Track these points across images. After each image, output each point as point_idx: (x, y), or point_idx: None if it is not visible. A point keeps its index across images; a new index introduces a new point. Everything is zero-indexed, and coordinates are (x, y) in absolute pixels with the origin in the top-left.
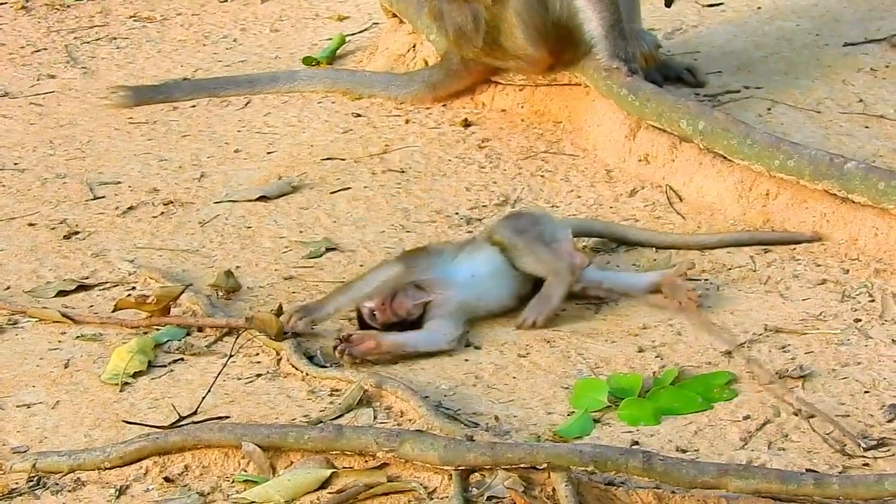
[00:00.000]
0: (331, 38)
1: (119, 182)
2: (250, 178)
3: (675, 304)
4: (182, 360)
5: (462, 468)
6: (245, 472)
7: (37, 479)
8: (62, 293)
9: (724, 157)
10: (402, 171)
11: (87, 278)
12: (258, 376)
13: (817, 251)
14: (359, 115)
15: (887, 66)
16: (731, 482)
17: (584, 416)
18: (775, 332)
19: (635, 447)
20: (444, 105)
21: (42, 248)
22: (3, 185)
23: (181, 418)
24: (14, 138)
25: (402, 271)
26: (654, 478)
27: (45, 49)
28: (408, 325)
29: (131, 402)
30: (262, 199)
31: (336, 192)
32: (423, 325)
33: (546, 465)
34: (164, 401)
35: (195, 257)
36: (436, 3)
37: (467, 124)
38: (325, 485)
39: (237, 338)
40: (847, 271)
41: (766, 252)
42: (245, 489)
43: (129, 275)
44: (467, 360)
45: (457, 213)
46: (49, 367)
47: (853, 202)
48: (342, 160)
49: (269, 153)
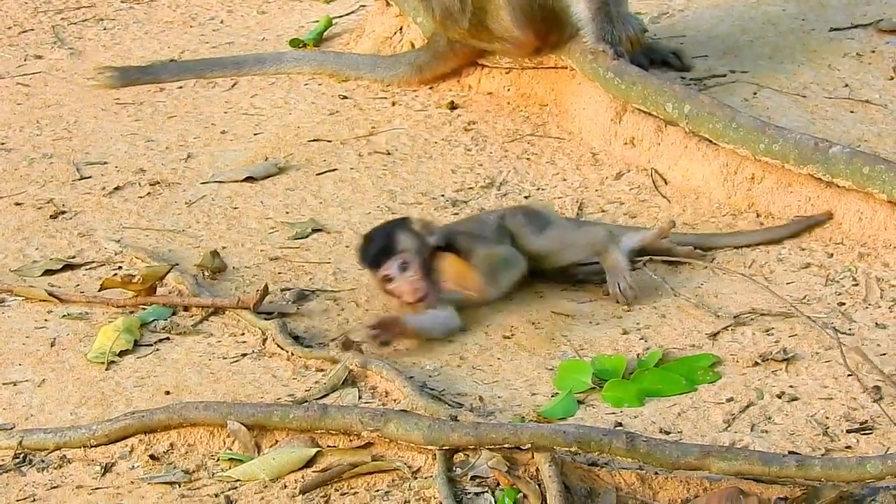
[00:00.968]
0: (318, 21)
1: (106, 162)
2: (237, 159)
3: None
4: (168, 339)
5: (446, 448)
6: (230, 450)
7: (23, 456)
8: (49, 272)
9: (710, 141)
10: (389, 153)
11: (73, 258)
12: (244, 356)
13: (802, 235)
14: (345, 98)
15: (873, 52)
16: (714, 463)
17: (569, 398)
18: (760, 316)
19: (619, 428)
20: (431, 87)
21: (29, 227)
22: None
23: None
24: (1, 118)
25: None
26: (638, 458)
27: (32, 30)
28: None
29: (117, 380)
30: (249, 179)
31: (322, 173)
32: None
33: (530, 445)
34: (149, 380)
35: (181, 237)
36: None
37: (454, 107)
38: (309, 464)
39: None
40: (831, 255)
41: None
42: (230, 467)
43: (116, 254)
44: (452, 340)
45: (442, 196)
46: (35, 345)
47: (838, 186)
48: (328, 142)
49: (255, 134)
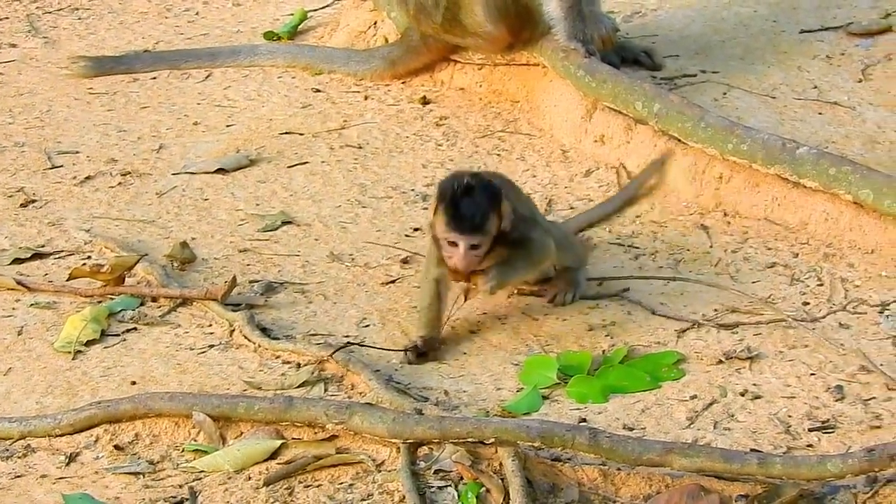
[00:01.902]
0: (292, 14)
1: (77, 152)
2: (208, 151)
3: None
4: (135, 329)
5: (410, 441)
6: (195, 441)
7: None
8: (17, 261)
9: (679, 140)
10: (360, 147)
11: (42, 246)
12: (211, 347)
13: (768, 235)
14: (318, 91)
15: (842, 54)
16: (676, 460)
17: (533, 393)
18: (724, 314)
19: (582, 424)
20: (403, 82)
21: None
22: None
23: None
24: None
25: None
26: (600, 454)
27: (7, 18)
28: None
29: (83, 370)
30: (220, 171)
31: (293, 166)
32: None
33: (493, 439)
34: (116, 370)
35: (151, 228)
36: None
37: (426, 102)
38: (274, 455)
39: None
40: (797, 255)
41: (720, 234)
42: (195, 458)
43: (85, 244)
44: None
45: (413, 190)
46: (2, 333)
47: (805, 187)
48: (300, 135)
49: (227, 126)
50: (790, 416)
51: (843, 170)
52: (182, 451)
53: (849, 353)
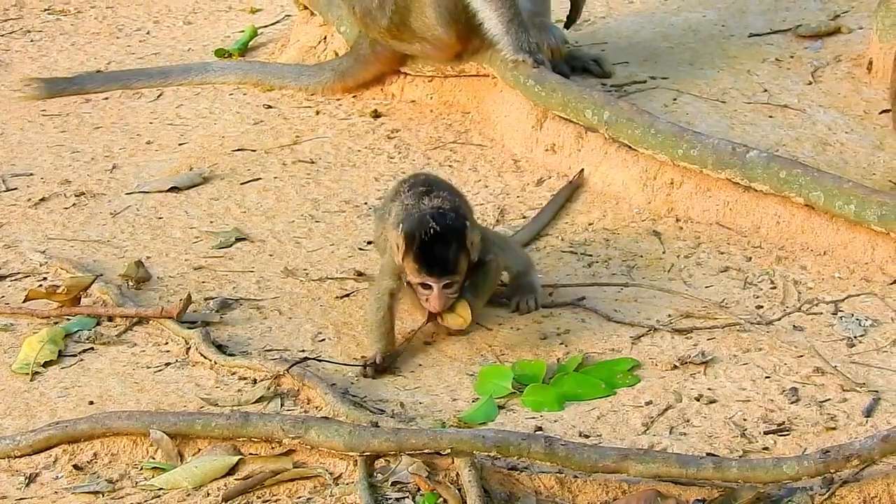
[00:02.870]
0: (243, 31)
1: (31, 174)
2: (162, 170)
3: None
4: (92, 349)
5: (367, 454)
6: (153, 459)
7: None
8: None
9: (629, 147)
10: (312, 162)
11: None
12: (167, 365)
13: (720, 239)
14: (270, 107)
15: (791, 57)
16: (632, 466)
17: (489, 403)
18: (679, 319)
19: (538, 432)
20: (355, 96)
21: None
22: None
23: None
24: None
25: None
26: (557, 462)
27: None
28: None
29: (41, 391)
30: (174, 190)
31: (246, 182)
32: None
33: (449, 450)
34: (74, 390)
35: (106, 248)
36: None
37: (377, 115)
38: (232, 471)
39: None
40: (749, 259)
41: (673, 240)
42: (153, 476)
43: (41, 265)
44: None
45: (366, 203)
46: None
47: (756, 191)
48: (253, 151)
49: (180, 145)
50: (745, 420)
51: (794, 172)
52: (141, 469)
53: (803, 355)
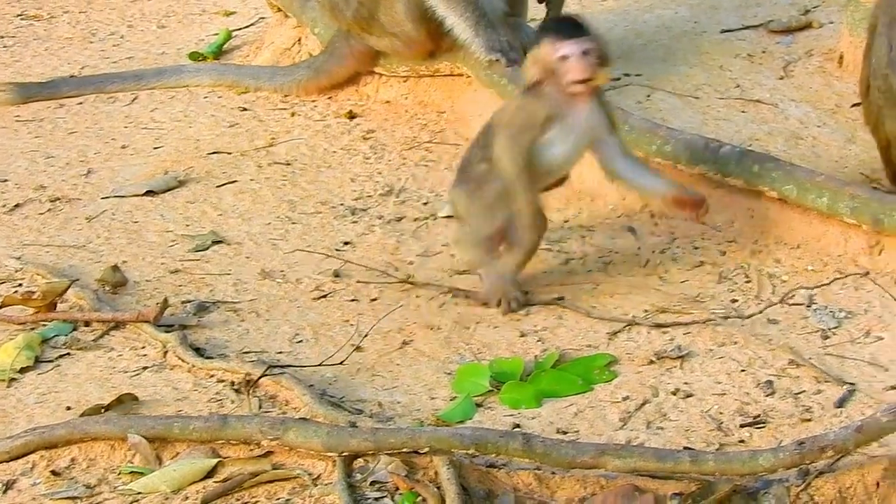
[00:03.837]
0: (217, 34)
1: (6, 180)
2: (137, 174)
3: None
4: (69, 354)
5: (345, 454)
6: (131, 463)
7: None
8: None
9: None
10: (288, 164)
11: None
12: (145, 369)
13: (695, 234)
14: (245, 109)
15: (763, 52)
16: (610, 461)
17: (467, 401)
18: (654, 314)
19: (516, 430)
20: (330, 97)
21: None
22: None
23: None
24: None
25: None
26: (535, 459)
27: None
28: None
29: (18, 397)
30: (149, 193)
31: (222, 185)
32: None
33: (428, 449)
34: (51, 396)
35: (82, 253)
36: None
37: (352, 116)
38: (210, 474)
39: None
40: (724, 253)
41: (648, 236)
42: (131, 480)
43: (16, 271)
44: (351, 345)
45: (342, 204)
46: None
47: (729, 185)
48: (228, 154)
49: (155, 148)
50: (721, 413)
51: (767, 166)
52: (119, 473)
53: (778, 348)
